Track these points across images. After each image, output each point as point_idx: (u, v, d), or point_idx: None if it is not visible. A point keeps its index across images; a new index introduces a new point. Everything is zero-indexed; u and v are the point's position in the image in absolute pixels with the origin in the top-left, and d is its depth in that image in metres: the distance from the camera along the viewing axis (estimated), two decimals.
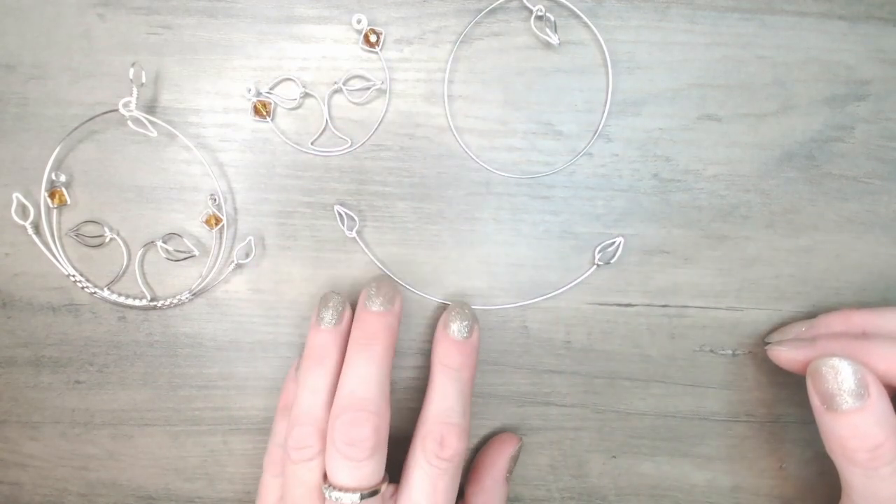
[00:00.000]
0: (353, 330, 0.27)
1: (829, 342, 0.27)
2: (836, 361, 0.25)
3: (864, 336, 0.26)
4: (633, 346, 0.31)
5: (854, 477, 0.25)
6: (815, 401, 0.25)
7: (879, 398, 0.24)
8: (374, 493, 0.25)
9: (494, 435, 0.32)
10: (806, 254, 0.31)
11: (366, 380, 0.26)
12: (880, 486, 0.24)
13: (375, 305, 0.27)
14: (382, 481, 0.26)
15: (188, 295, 0.30)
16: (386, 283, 0.28)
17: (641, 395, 0.32)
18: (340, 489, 0.25)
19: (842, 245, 0.31)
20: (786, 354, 0.28)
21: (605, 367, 0.32)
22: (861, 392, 0.24)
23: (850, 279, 0.31)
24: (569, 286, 0.31)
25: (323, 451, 0.26)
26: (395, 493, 0.27)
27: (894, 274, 0.31)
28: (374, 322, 0.27)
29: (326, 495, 0.25)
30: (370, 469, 0.25)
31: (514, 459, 0.31)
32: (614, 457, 0.33)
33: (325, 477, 0.25)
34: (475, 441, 0.32)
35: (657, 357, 0.31)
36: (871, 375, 0.24)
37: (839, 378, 0.24)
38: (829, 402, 0.25)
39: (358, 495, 0.24)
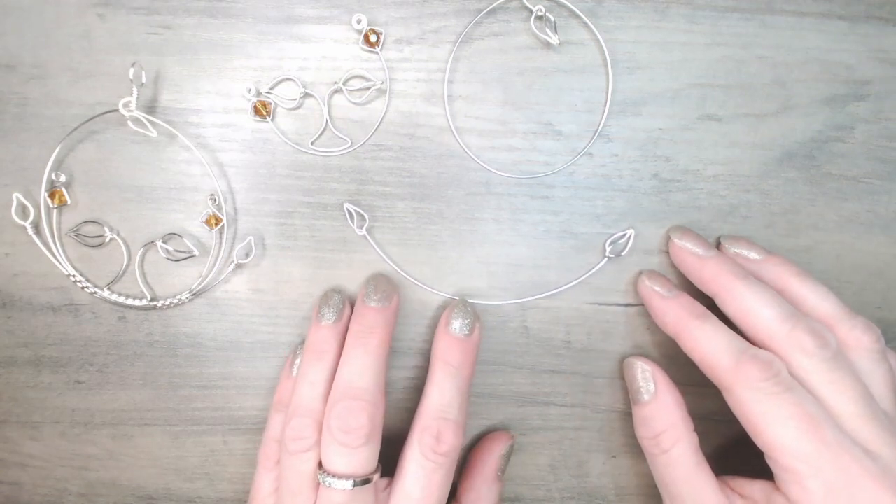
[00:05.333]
0: (351, 323, 0.28)
1: (672, 309, 0.28)
2: (633, 360, 0.30)
3: (702, 316, 0.27)
4: (633, 346, 0.31)
5: (649, 461, 0.28)
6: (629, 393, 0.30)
7: (665, 394, 0.28)
8: (366, 481, 0.25)
9: (488, 433, 0.32)
10: (806, 254, 0.31)
11: (362, 371, 0.27)
12: (662, 472, 0.27)
13: (373, 301, 0.28)
14: (375, 471, 0.26)
15: (188, 295, 0.30)
16: (384, 281, 0.29)
17: None
18: (334, 475, 0.25)
19: (842, 245, 0.31)
20: (643, 289, 0.29)
21: (605, 367, 0.32)
22: (650, 388, 0.28)
23: (850, 279, 0.31)
24: (577, 280, 0.31)
25: (319, 442, 0.26)
26: (388, 485, 0.27)
27: (894, 274, 0.31)
28: (371, 316, 0.28)
29: (320, 481, 0.25)
30: (364, 457, 0.25)
31: (506, 458, 0.31)
32: (614, 457, 0.33)
33: (320, 465, 0.26)
34: (470, 440, 0.32)
35: (657, 357, 0.31)
36: (660, 374, 0.29)
37: (636, 375, 0.29)
38: (631, 395, 0.29)
39: (351, 482, 0.25)
